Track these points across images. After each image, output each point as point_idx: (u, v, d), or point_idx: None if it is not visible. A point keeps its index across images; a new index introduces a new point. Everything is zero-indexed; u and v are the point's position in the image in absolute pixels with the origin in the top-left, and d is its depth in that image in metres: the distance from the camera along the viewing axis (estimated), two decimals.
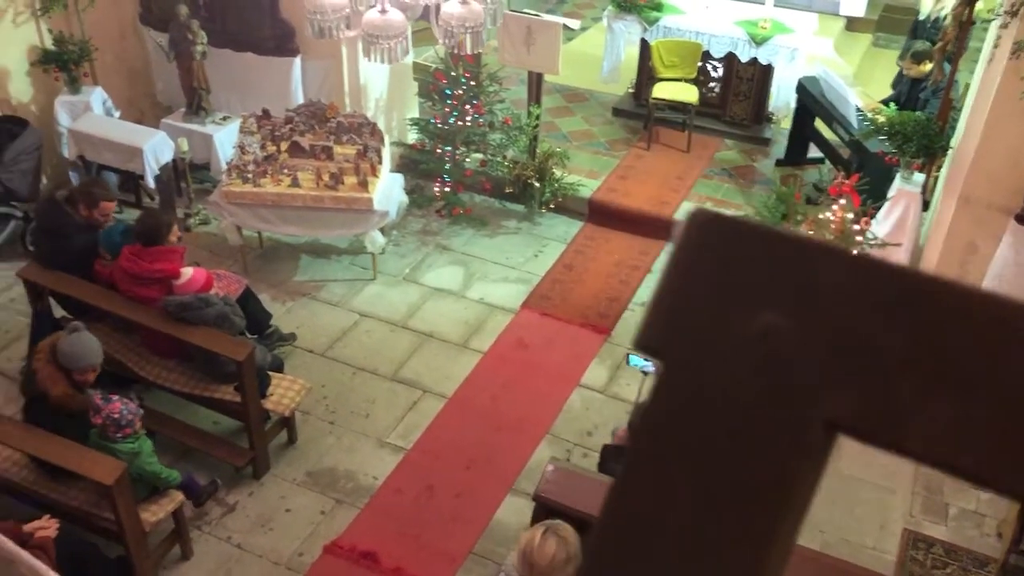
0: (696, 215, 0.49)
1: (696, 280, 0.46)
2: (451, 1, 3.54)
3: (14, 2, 6.94)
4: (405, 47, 3.64)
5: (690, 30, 8.12)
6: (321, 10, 3.49)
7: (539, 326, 6.53)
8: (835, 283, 0.40)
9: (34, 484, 4.45)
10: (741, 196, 7.74)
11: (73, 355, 4.51)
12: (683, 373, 0.44)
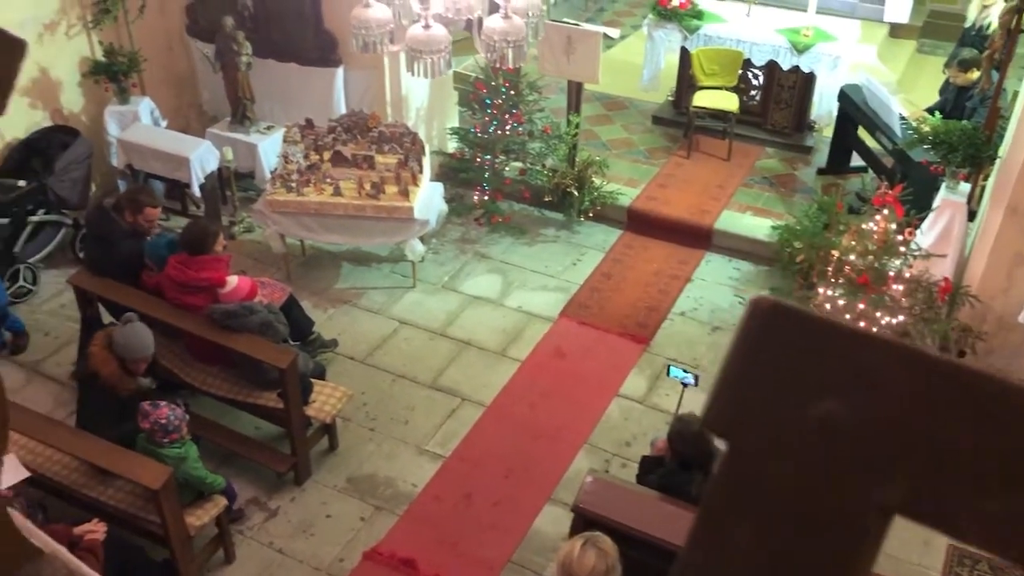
0: (759, 303, 0.51)
1: (760, 366, 0.48)
2: (493, 16, 3.58)
3: (67, 15, 7.13)
4: (448, 61, 3.68)
5: (731, 38, 8.09)
6: (366, 25, 3.54)
7: (577, 335, 6.54)
8: (894, 375, 0.41)
9: (83, 487, 4.56)
10: (782, 205, 7.68)
11: (127, 345, 4.66)
12: (747, 455, 0.46)
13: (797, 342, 0.47)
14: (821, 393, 0.44)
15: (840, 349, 0.45)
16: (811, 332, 0.47)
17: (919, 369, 0.42)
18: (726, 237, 7.35)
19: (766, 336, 0.49)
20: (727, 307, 6.83)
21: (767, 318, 0.50)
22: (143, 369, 4.76)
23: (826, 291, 6.16)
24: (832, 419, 0.42)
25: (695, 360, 6.30)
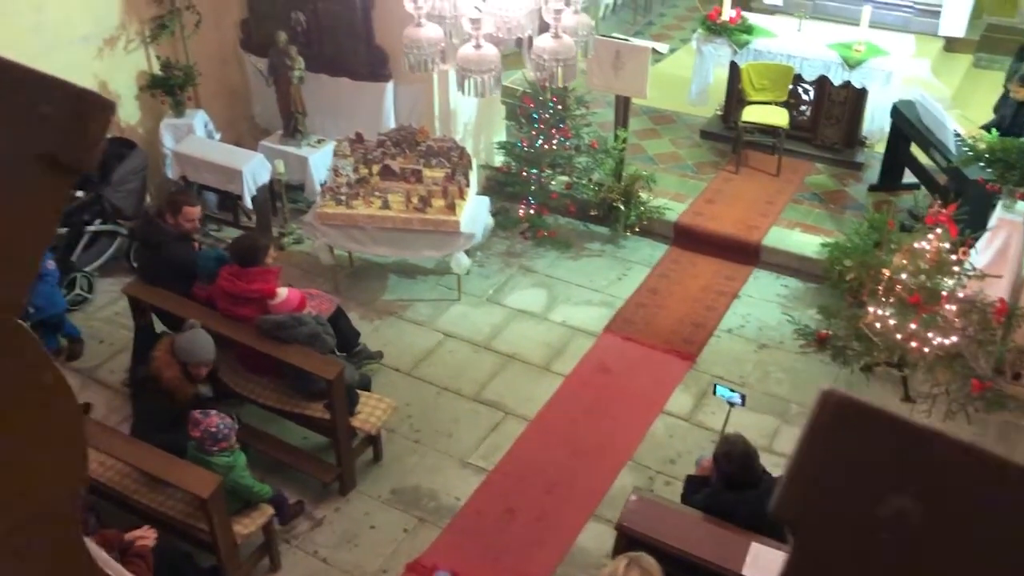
0: (830, 397, 0.51)
1: (829, 461, 0.48)
2: (543, 35, 3.60)
3: (126, 30, 7.32)
4: (497, 80, 3.71)
5: (781, 53, 8.02)
6: (417, 45, 3.59)
7: (622, 350, 6.51)
8: (966, 476, 0.41)
9: (135, 493, 4.65)
10: (832, 222, 7.58)
11: (189, 350, 4.78)
12: (816, 546, 0.46)
13: (867, 438, 0.47)
14: (891, 492, 0.44)
15: (911, 447, 0.45)
16: (882, 429, 0.47)
17: (991, 471, 0.42)
18: (774, 254, 7.27)
19: (836, 431, 0.49)
20: (775, 324, 6.75)
21: (837, 412, 0.50)
22: (204, 375, 4.88)
23: (876, 310, 6.07)
24: (901, 518, 0.42)
25: (742, 378, 6.24)
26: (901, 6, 10.33)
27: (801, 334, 6.52)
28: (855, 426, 0.48)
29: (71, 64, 6.96)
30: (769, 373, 6.32)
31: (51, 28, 6.75)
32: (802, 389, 6.16)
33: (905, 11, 10.28)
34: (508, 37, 3.63)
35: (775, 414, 5.96)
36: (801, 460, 0.49)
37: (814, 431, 0.49)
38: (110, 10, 7.16)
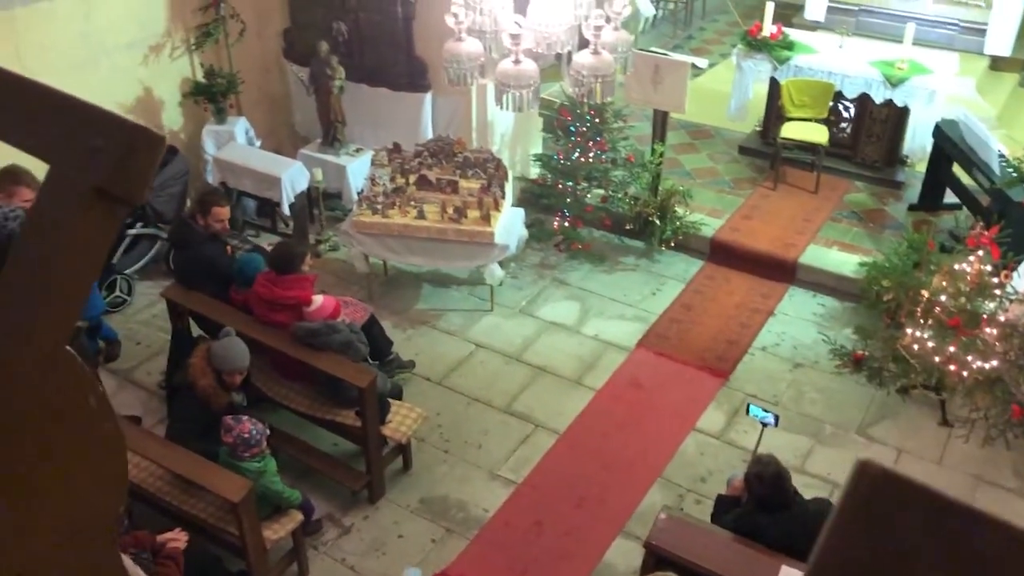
0: (868, 469, 0.51)
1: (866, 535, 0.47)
2: (583, 51, 3.60)
3: (171, 38, 7.45)
4: (536, 95, 3.72)
5: (822, 70, 7.95)
6: (457, 59, 3.61)
7: (655, 366, 6.48)
8: (999, 556, 0.41)
9: (168, 495, 4.71)
10: (871, 241, 7.49)
11: (224, 357, 4.83)
12: None
13: (906, 514, 0.47)
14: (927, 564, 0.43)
15: (951, 525, 0.44)
16: (922, 505, 0.46)
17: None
18: (811, 272, 7.20)
19: (874, 504, 0.48)
20: (809, 343, 6.68)
21: (876, 485, 0.49)
22: (238, 382, 4.92)
23: (914, 332, 5.98)
24: None
25: (775, 397, 6.18)
26: (946, 24, 10.21)
27: (837, 354, 6.45)
28: (894, 501, 0.48)
29: (117, 70, 7.11)
30: (803, 393, 6.24)
31: (98, 35, 6.89)
32: (836, 410, 6.08)
33: (950, 29, 10.16)
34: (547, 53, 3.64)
35: (808, 434, 5.89)
36: (837, 533, 0.49)
37: (851, 503, 0.49)
38: (156, 18, 7.29)
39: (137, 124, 0.75)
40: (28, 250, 0.79)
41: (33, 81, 0.81)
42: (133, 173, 0.75)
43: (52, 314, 0.79)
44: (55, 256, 0.77)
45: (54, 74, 6.63)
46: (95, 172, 0.75)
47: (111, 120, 0.74)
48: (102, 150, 0.73)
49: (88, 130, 0.75)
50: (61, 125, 0.77)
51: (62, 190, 0.77)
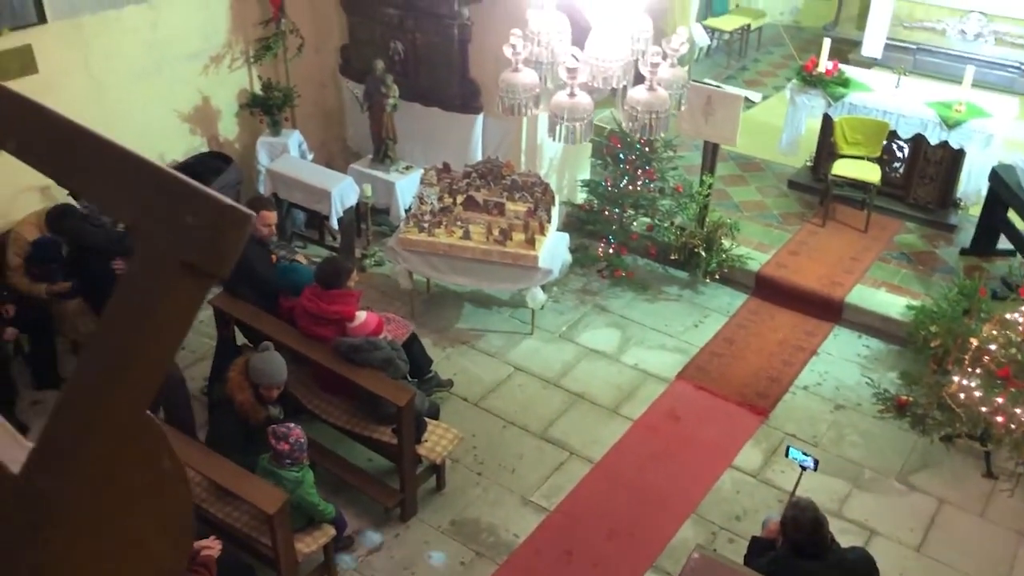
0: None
1: None
2: (638, 86, 3.61)
3: (231, 49, 7.61)
4: (589, 128, 3.74)
5: (877, 108, 7.87)
6: (513, 89, 3.65)
7: (693, 399, 6.43)
8: None
9: (204, 502, 4.77)
10: (920, 284, 7.37)
11: (262, 371, 4.89)
12: None
13: None
14: None
15: None
16: None
17: None
18: (857, 312, 7.10)
19: None
20: (853, 385, 6.58)
21: None
22: (275, 396, 4.97)
23: (961, 380, 5.87)
24: None
25: (815, 438, 6.09)
26: (1007, 66, 10.07)
27: (880, 398, 6.34)
28: None
29: (178, 79, 7.28)
30: (844, 435, 6.15)
31: (163, 45, 7.07)
32: (878, 455, 5.98)
33: (1011, 71, 10.02)
34: (603, 87, 3.66)
35: (847, 478, 5.80)
36: None
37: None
38: (218, 30, 7.46)
39: (228, 203, 0.78)
40: (118, 316, 0.82)
41: (132, 153, 0.85)
42: (221, 249, 0.78)
43: (136, 379, 0.82)
44: (143, 324, 0.80)
45: (119, 80, 6.83)
46: (186, 247, 0.77)
47: (203, 197, 0.77)
48: (193, 227, 0.76)
49: (181, 206, 0.78)
50: (155, 199, 0.80)
51: (153, 261, 0.80)
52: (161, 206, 0.79)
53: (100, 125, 4.71)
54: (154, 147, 7.26)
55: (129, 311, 0.81)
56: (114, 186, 0.82)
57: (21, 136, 0.90)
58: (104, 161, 0.83)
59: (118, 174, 0.81)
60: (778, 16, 12.64)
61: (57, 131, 0.85)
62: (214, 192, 0.78)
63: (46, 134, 0.86)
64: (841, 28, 11.34)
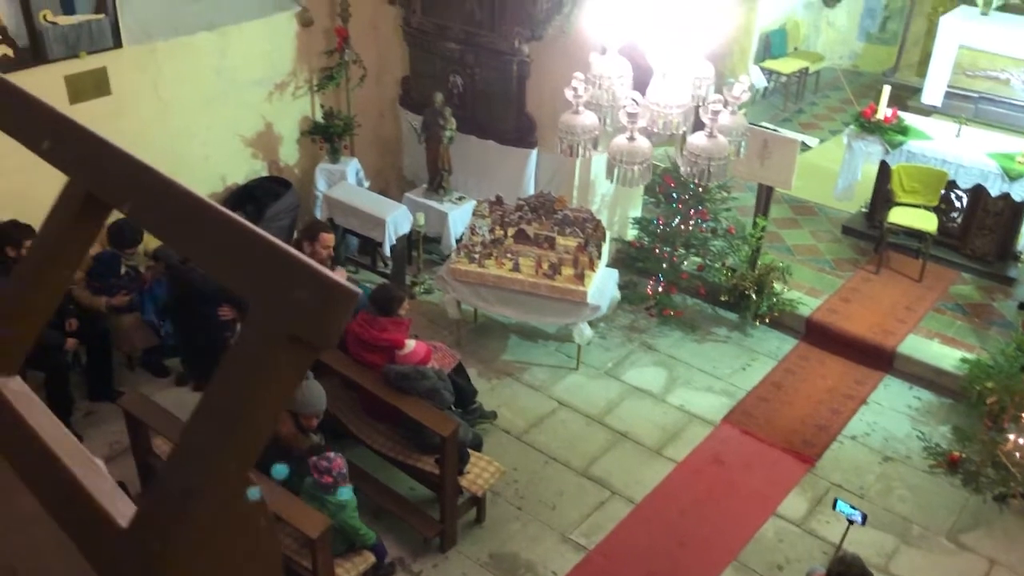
0: None
1: None
2: (698, 133, 3.63)
3: (296, 77, 7.80)
4: (647, 171, 3.77)
5: (936, 157, 7.78)
6: (572, 131, 3.70)
7: (739, 444, 6.36)
8: None
9: None
10: (975, 337, 7.23)
11: (302, 401, 4.94)
12: None
13: None
14: None
15: None
16: None
17: None
18: (909, 362, 6.98)
19: None
20: (902, 437, 6.46)
21: None
22: (315, 425, 5.01)
23: (1017, 438, 5.75)
24: None
25: (862, 489, 5.98)
26: None
27: (931, 452, 6.22)
28: None
29: (243, 104, 7.48)
30: (892, 489, 6.03)
31: (230, 71, 7.27)
32: (927, 511, 5.85)
33: None
34: (662, 132, 3.69)
35: (895, 533, 5.68)
36: None
37: None
38: (285, 58, 7.65)
39: (336, 280, 0.82)
40: (224, 384, 0.86)
41: (249, 227, 0.89)
42: (327, 324, 0.82)
43: (241, 444, 0.86)
44: (250, 392, 0.84)
45: (186, 104, 7.03)
46: (294, 321, 0.81)
47: (313, 274, 0.81)
48: (303, 301, 0.80)
49: (291, 281, 0.82)
50: (268, 273, 0.84)
51: (261, 333, 0.84)
52: (273, 280, 0.83)
53: (165, 146, 4.93)
54: (216, 170, 7.46)
55: (237, 377, 0.85)
56: (229, 258, 0.86)
57: (136, 199, 0.95)
58: (220, 233, 0.88)
59: (233, 246, 0.86)
60: (837, 60, 12.58)
61: (173, 199, 0.90)
62: (324, 269, 0.82)
63: (162, 200, 0.91)
64: (901, 74, 11.25)
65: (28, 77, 6.07)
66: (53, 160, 1.05)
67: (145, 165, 0.92)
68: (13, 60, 6.01)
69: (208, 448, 0.84)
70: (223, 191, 7.55)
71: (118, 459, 5.72)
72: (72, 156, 1.01)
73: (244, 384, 0.83)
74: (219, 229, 0.88)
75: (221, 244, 0.87)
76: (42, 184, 1.95)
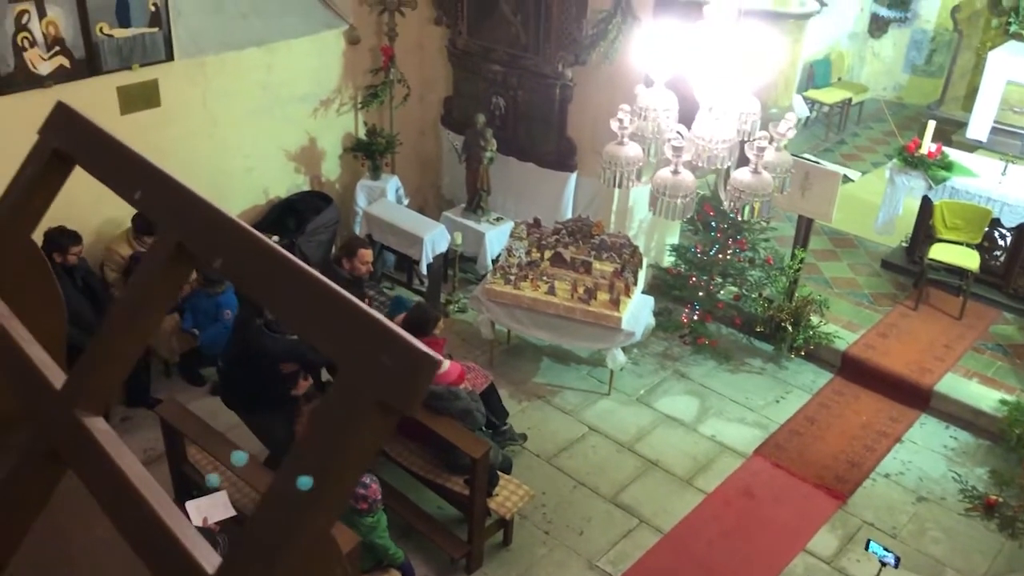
0: None
1: None
2: (742, 168, 3.64)
3: (340, 94, 7.91)
4: (690, 205, 3.78)
5: (980, 195, 7.69)
6: (616, 162, 3.72)
7: (770, 477, 6.30)
8: None
9: None
10: (1016, 378, 7.11)
11: None
12: None
13: None
14: None
15: None
16: None
17: None
18: (946, 402, 6.88)
19: None
20: (937, 477, 6.36)
21: None
22: None
23: None
24: None
25: (894, 529, 5.90)
26: None
27: (967, 495, 6.12)
28: None
29: (288, 120, 7.59)
30: (925, 530, 5.93)
31: (276, 87, 7.39)
32: (961, 555, 5.75)
33: None
34: (707, 166, 3.70)
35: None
36: None
37: None
38: (331, 76, 7.76)
39: (420, 348, 0.84)
40: (314, 443, 0.90)
41: (339, 293, 0.92)
42: (412, 390, 0.84)
43: (325, 503, 0.88)
44: (337, 452, 0.87)
45: (233, 118, 7.15)
46: (380, 386, 0.84)
47: (400, 342, 0.84)
48: (389, 368, 0.83)
49: (380, 348, 0.85)
50: (357, 339, 0.87)
51: (349, 396, 0.87)
52: (361, 346, 0.86)
53: (210, 158, 5.01)
54: (259, 183, 7.58)
55: (327, 439, 0.88)
56: (319, 321, 0.89)
57: (228, 257, 0.99)
58: (311, 297, 0.91)
59: (323, 312, 0.89)
60: (881, 92, 12.50)
61: (266, 261, 0.93)
62: (410, 336, 0.85)
63: (255, 261, 0.95)
64: (946, 108, 11.14)
65: (82, 88, 6.23)
66: (145, 209, 1.09)
67: (238, 224, 0.96)
68: (69, 70, 6.16)
69: (297, 504, 0.87)
70: (265, 204, 7.66)
71: (152, 466, 5.79)
72: (163, 207, 1.04)
73: (333, 444, 0.86)
74: (310, 293, 0.92)
75: (312, 308, 0.90)
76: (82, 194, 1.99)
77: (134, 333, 1.05)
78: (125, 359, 1.05)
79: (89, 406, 1.00)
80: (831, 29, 11.53)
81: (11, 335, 1.10)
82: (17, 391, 1.05)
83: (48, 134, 1.22)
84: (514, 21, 7.44)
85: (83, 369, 1.02)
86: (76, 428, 0.97)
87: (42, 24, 5.99)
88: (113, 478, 0.95)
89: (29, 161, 1.21)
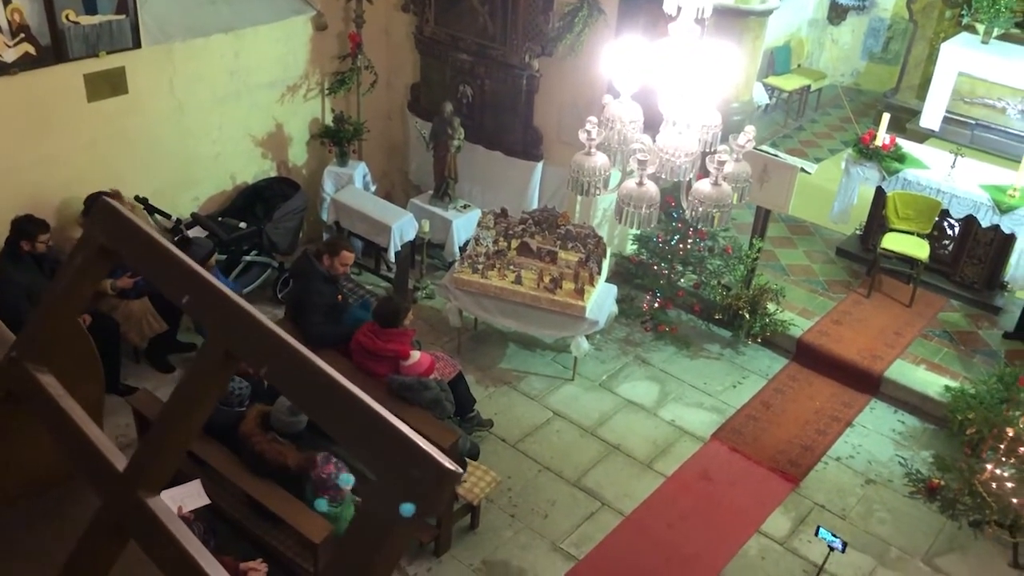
0: None
1: None
2: (703, 180, 3.80)
3: (308, 80, 7.93)
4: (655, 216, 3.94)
5: (931, 186, 7.97)
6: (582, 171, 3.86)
7: (726, 461, 6.56)
8: None
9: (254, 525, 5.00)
10: (960, 364, 7.43)
11: (286, 421, 5.00)
12: None
13: None
14: None
15: None
16: None
17: None
18: (895, 387, 7.18)
19: None
20: (885, 461, 6.66)
21: None
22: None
23: (995, 469, 5.95)
24: None
25: (843, 511, 6.19)
26: None
27: (912, 479, 6.42)
28: None
29: (255, 106, 7.61)
30: (873, 511, 6.24)
31: (244, 73, 7.40)
32: (905, 534, 6.06)
33: None
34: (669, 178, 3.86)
35: (873, 555, 5.88)
36: None
37: None
38: (298, 62, 7.78)
39: (445, 465, 0.98)
40: (348, 549, 1.03)
41: (372, 407, 1.06)
42: (436, 500, 0.98)
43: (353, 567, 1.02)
44: (367, 557, 1.00)
45: (200, 104, 7.16)
46: (409, 495, 0.98)
47: (428, 457, 0.97)
48: (418, 480, 0.96)
49: (410, 461, 0.98)
50: (388, 450, 1.00)
51: (382, 504, 1.01)
52: (393, 458, 0.99)
53: (178, 144, 5.16)
54: (226, 168, 7.60)
55: (358, 544, 1.01)
56: (355, 433, 1.02)
57: (273, 367, 1.11)
58: (349, 410, 1.04)
59: (359, 423, 1.02)
60: (839, 77, 12.75)
61: (308, 373, 1.05)
62: (435, 451, 0.98)
63: (297, 371, 1.07)
64: (901, 96, 11.42)
65: (48, 75, 6.22)
66: (192, 313, 1.21)
67: (282, 337, 1.08)
68: (35, 58, 6.13)
69: None
70: (232, 189, 7.69)
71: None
72: (211, 314, 1.17)
73: (363, 550, 0.99)
74: (348, 407, 1.05)
75: (349, 420, 1.03)
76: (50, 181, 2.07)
77: (185, 427, 1.18)
78: (177, 448, 1.17)
79: (150, 487, 1.13)
80: (791, 16, 11.73)
81: (71, 417, 1.22)
82: (80, 469, 1.18)
83: (93, 227, 1.34)
84: (482, 11, 7.52)
85: (143, 455, 1.14)
86: (139, 507, 1.09)
87: (7, 10, 5.94)
88: (173, 549, 1.08)
89: (77, 250, 1.32)
